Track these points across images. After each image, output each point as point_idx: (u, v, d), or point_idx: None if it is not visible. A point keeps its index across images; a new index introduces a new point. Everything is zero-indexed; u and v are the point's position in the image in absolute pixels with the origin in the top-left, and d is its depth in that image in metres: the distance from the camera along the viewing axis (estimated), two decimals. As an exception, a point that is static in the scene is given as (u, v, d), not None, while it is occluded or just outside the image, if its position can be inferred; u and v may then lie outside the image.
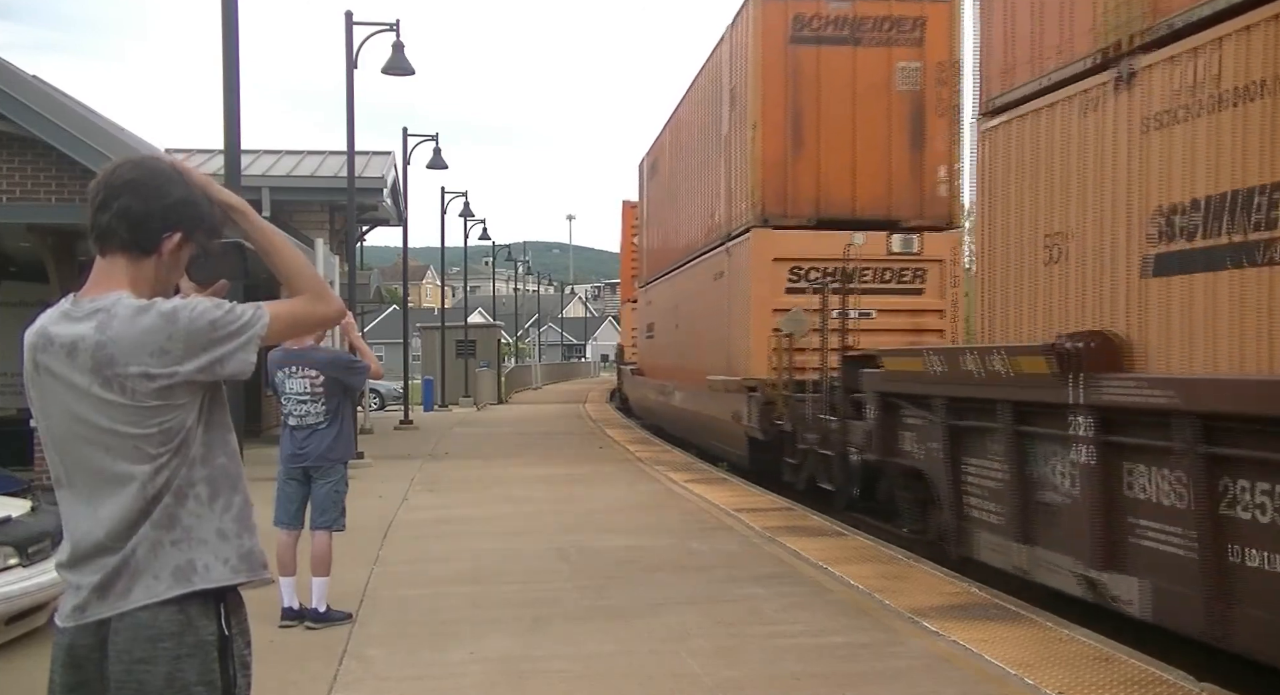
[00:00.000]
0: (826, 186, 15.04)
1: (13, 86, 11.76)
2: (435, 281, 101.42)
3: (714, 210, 17.93)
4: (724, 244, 16.99)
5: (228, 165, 10.45)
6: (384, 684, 5.97)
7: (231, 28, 10.28)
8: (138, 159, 2.53)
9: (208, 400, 2.45)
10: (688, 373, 20.08)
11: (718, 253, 17.46)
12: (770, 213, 15.02)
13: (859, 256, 14.11)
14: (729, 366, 16.21)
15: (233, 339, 2.40)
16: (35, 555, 6.68)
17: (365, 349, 7.64)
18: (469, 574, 8.84)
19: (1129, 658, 6.07)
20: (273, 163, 24.38)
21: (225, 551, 2.44)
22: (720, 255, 17.25)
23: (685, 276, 20.95)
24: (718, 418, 16.91)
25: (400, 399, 31.30)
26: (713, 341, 17.82)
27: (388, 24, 19.17)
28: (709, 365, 17.58)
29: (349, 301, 17.99)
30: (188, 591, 2.38)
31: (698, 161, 19.70)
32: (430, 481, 15.31)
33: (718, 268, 17.45)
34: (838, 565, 8.78)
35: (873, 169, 15.07)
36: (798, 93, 15.02)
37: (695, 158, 19.99)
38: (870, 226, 14.65)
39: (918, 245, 14.87)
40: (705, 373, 17.71)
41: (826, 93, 15.03)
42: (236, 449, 2.55)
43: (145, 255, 2.47)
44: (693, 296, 20.00)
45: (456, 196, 35.21)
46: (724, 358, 16.64)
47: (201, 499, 2.43)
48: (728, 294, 16.70)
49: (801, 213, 15.02)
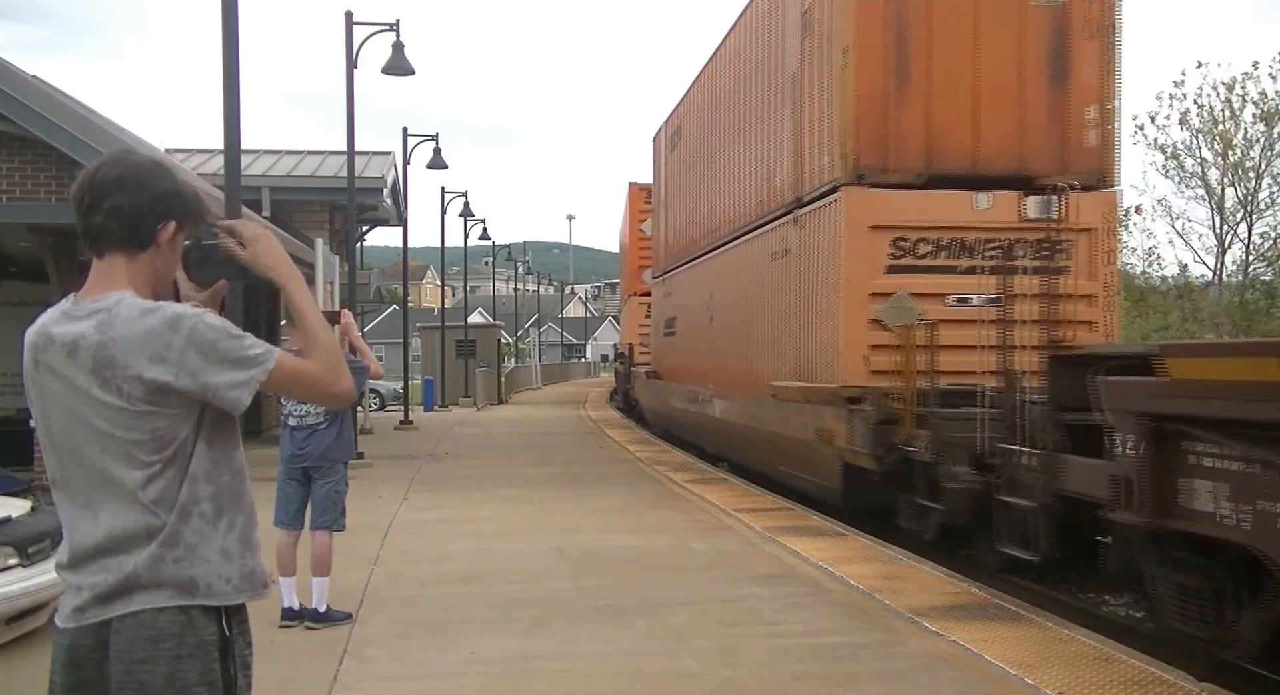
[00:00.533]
0: (940, 132, 11.70)
1: (13, 86, 11.76)
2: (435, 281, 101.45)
3: (773, 172, 14.65)
4: (790, 213, 13.63)
5: (228, 165, 10.45)
6: (384, 684, 5.97)
7: (231, 28, 10.28)
8: (115, 157, 2.50)
9: (211, 417, 2.42)
10: (732, 377, 16.77)
11: (779, 225, 14.18)
12: (867, 166, 11.59)
13: (980, 224, 11.36)
14: (801, 369, 13.09)
15: (233, 370, 2.36)
16: (35, 555, 6.68)
17: (365, 349, 7.64)
18: (469, 574, 8.84)
19: (1129, 658, 6.07)
20: (273, 163, 24.43)
21: (228, 571, 2.42)
22: (783, 228, 13.99)
23: (725, 260, 17.68)
24: (789, 436, 13.25)
25: (400, 399, 31.29)
26: (772, 338, 14.57)
27: (388, 24, 19.18)
28: (769, 368, 14.40)
29: (349, 301, 18.00)
30: (190, 603, 2.38)
31: (745, 117, 16.38)
32: (430, 481, 15.31)
33: (779, 244, 14.22)
34: (838, 565, 8.77)
35: (1000, 109, 11.76)
36: (901, 8, 11.71)
37: (740, 113, 16.71)
38: (997, 184, 11.53)
39: (1060, 209, 11.34)
40: (763, 377, 14.45)
41: (940, 7, 11.76)
42: (243, 467, 2.52)
43: (142, 250, 2.46)
44: (737, 283, 16.63)
45: (456, 196, 35.21)
46: (792, 358, 13.48)
47: (207, 517, 2.41)
48: (797, 276, 13.32)
49: (908, 166, 11.62)
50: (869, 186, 11.57)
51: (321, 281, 15.10)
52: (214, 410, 2.41)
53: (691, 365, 20.66)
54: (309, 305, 2.56)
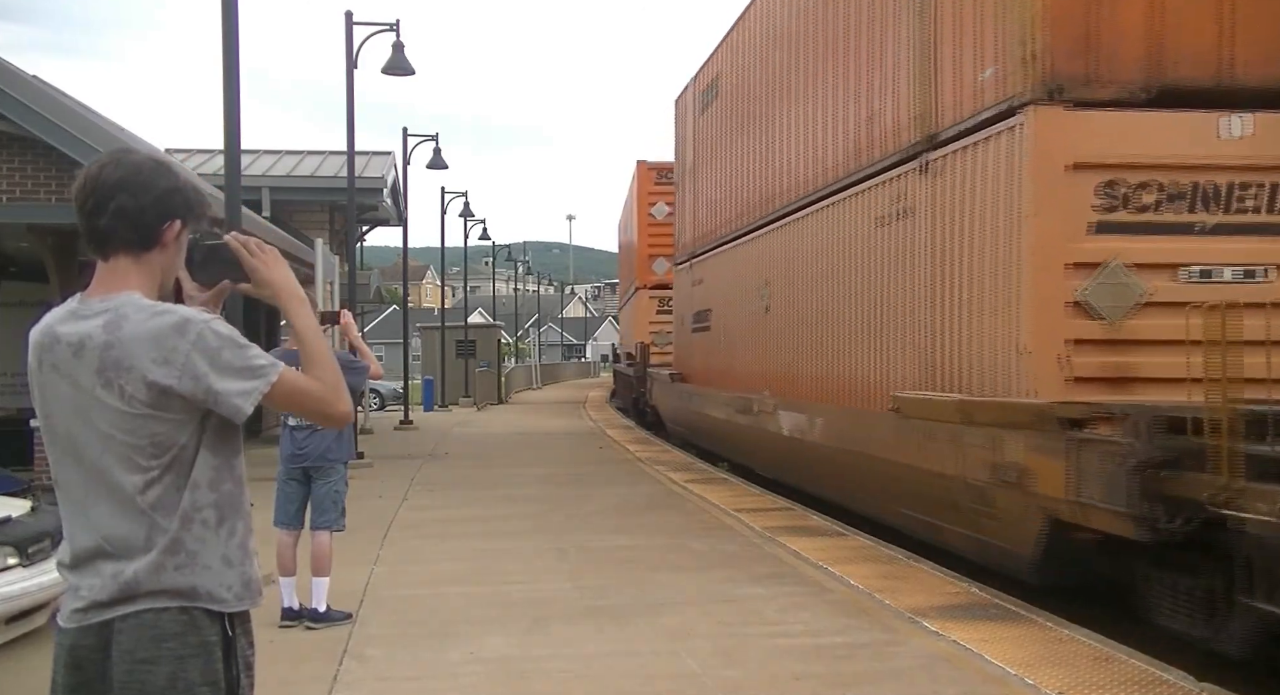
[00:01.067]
0: (1172, 24, 8.13)
1: (13, 86, 11.76)
2: (435, 281, 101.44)
3: (879, 109, 11.03)
4: (915, 159, 10.00)
5: (228, 165, 10.44)
6: (384, 684, 5.97)
7: (231, 28, 10.27)
8: (116, 158, 2.49)
9: (214, 425, 2.42)
10: (804, 382, 13.32)
11: (890, 179, 10.64)
12: (1066, 75, 8.05)
13: (1231, 160, 7.98)
14: (933, 373, 9.58)
15: (237, 378, 2.36)
16: (35, 555, 6.69)
17: (365, 349, 7.64)
18: (469, 574, 8.84)
19: (1129, 658, 6.07)
20: (273, 163, 24.43)
21: (229, 578, 2.42)
22: (898, 182, 10.46)
23: (791, 233, 14.12)
24: (929, 471, 9.35)
25: (400, 399, 31.29)
26: (877, 331, 10.97)
27: (388, 24, 19.19)
28: (874, 371, 10.95)
29: (349, 301, 18.00)
30: (191, 604, 2.38)
31: (824, 45, 12.81)
32: (430, 481, 15.31)
33: (891, 204, 10.63)
34: (838, 565, 8.77)
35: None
36: None
37: (815, 42, 13.17)
38: (1257, 101, 8.05)
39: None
40: (866, 384, 11.12)
41: None
42: (243, 475, 2.53)
43: (148, 250, 2.46)
44: (814, 260, 13.09)
45: (456, 196, 35.25)
46: (913, 359, 10.03)
47: (209, 524, 2.40)
48: (927, 245, 9.76)
49: (1123, 75, 8.11)
50: (1067, 105, 8.02)
51: (321, 281, 15.08)
52: (216, 418, 2.41)
53: (737, 367, 17.25)
54: (309, 326, 2.56)
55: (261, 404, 2.39)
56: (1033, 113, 8.09)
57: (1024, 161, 8.18)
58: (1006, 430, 8.10)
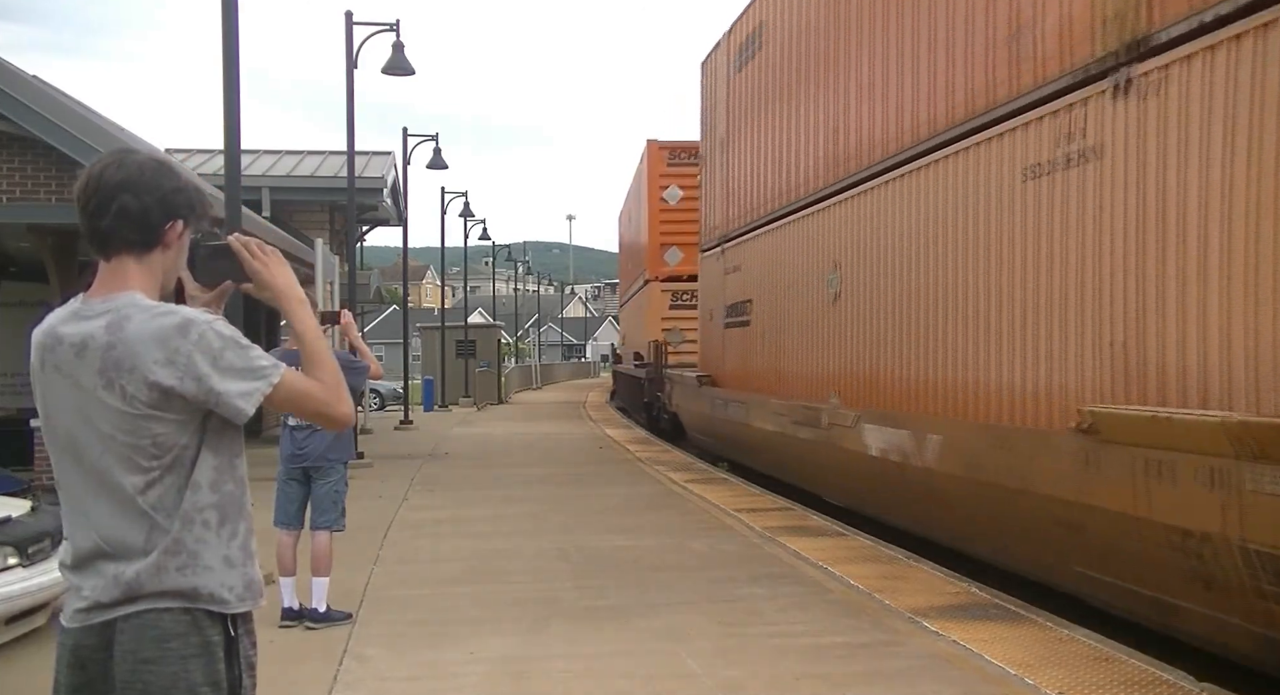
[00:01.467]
0: None
1: (13, 86, 11.76)
2: (435, 281, 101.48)
3: (1037, 15, 8.22)
4: (1117, 71, 7.11)
5: (228, 165, 10.43)
6: (384, 684, 5.97)
7: (231, 28, 10.27)
8: (117, 158, 2.49)
9: (215, 426, 2.42)
10: (901, 389, 10.57)
11: (1060, 106, 7.79)
12: None
13: None
14: (1148, 380, 6.74)
15: (238, 379, 2.36)
16: (35, 555, 6.69)
17: (365, 349, 7.64)
18: (469, 574, 8.84)
19: (1129, 658, 6.07)
20: (273, 163, 24.45)
21: (231, 579, 2.42)
22: (1073, 111, 7.63)
23: (881, 197, 11.26)
24: (1168, 525, 6.35)
25: (400, 399, 31.30)
26: (1053, 317, 7.85)
27: (388, 24, 19.19)
28: (1047, 378, 7.88)
29: (349, 301, 18.00)
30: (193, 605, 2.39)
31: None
32: (430, 481, 15.31)
33: (1050, 144, 7.92)
34: (838, 565, 8.78)
35: None
36: None
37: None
38: None
39: None
40: (1013, 392, 8.35)
41: None
42: (245, 476, 2.53)
43: (150, 250, 2.46)
44: (915, 233, 10.33)
45: (456, 196, 35.25)
46: (1115, 360, 7.08)
47: (210, 525, 2.40)
48: (1139, 195, 6.88)
49: None
50: None
51: (321, 281, 15.09)
52: (217, 418, 2.41)
53: (787, 367, 14.55)
54: (310, 328, 2.56)
55: (263, 405, 2.39)
56: None
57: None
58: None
